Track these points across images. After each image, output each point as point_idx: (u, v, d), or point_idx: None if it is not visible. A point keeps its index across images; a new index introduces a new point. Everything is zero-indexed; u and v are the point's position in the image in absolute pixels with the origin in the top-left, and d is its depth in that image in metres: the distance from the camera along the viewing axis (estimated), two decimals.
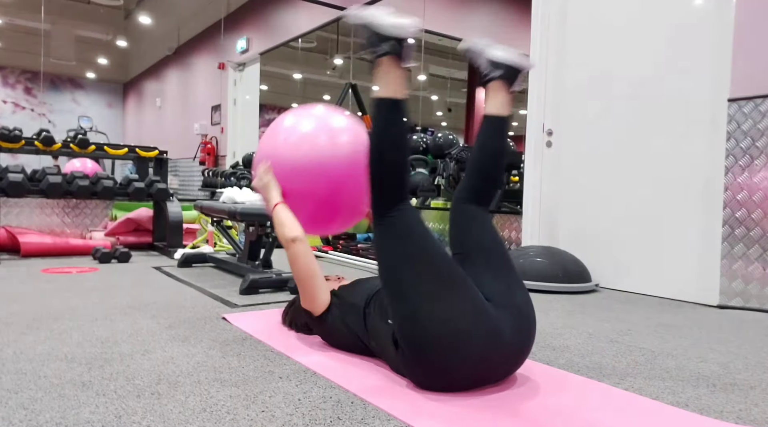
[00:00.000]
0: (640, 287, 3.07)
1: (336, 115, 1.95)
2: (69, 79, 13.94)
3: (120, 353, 1.61)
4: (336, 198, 1.87)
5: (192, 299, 2.49)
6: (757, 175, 2.61)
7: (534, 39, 3.57)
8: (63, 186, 3.83)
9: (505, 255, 1.51)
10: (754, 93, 2.61)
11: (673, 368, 1.65)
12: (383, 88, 1.43)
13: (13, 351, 1.60)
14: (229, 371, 1.47)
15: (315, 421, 1.16)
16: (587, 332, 2.08)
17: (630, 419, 1.24)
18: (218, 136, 9.01)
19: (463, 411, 1.23)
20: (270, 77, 10.60)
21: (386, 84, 1.43)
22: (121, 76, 14.56)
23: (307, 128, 1.89)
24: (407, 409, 1.24)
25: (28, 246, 3.77)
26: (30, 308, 2.19)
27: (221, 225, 3.56)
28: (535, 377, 1.49)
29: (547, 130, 3.55)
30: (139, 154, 4.64)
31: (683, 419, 1.25)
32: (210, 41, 9.57)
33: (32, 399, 1.24)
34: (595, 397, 1.38)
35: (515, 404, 1.29)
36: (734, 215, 2.67)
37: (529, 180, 3.62)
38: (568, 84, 3.45)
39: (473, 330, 1.29)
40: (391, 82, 1.43)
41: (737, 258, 2.67)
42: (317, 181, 1.82)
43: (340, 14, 1.72)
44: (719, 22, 2.76)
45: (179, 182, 10.34)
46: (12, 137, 3.99)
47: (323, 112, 1.96)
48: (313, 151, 1.82)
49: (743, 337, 2.09)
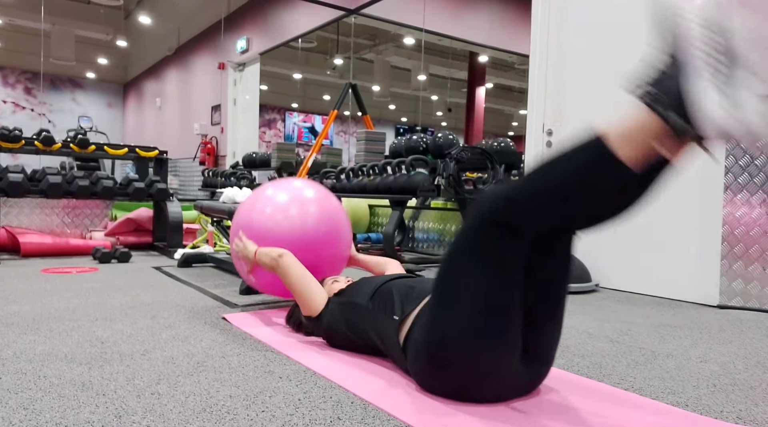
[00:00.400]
0: (640, 287, 3.07)
1: (306, 187, 2.20)
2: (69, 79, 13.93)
3: (120, 353, 1.61)
4: (311, 258, 1.98)
5: (192, 299, 2.49)
6: (757, 176, 2.61)
7: (534, 39, 3.57)
8: (63, 186, 3.83)
9: (564, 305, 1.35)
10: None
11: (673, 368, 1.65)
12: (621, 141, 0.98)
13: (13, 351, 1.60)
14: (229, 371, 1.47)
15: (315, 421, 1.16)
16: (587, 332, 2.08)
17: (630, 419, 1.24)
18: (218, 136, 9.02)
19: (463, 410, 1.23)
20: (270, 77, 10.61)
21: (629, 140, 0.98)
22: (121, 76, 14.57)
23: (280, 199, 2.13)
24: (408, 409, 1.24)
25: (28, 246, 3.77)
26: (30, 308, 2.19)
27: (221, 225, 3.56)
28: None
29: (547, 130, 3.55)
30: (139, 154, 4.64)
31: (683, 419, 1.25)
32: (210, 41, 9.57)
33: (32, 399, 1.24)
34: (595, 397, 1.38)
35: (515, 403, 1.29)
36: (734, 215, 2.67)
37: None
38: (568, 84, 3.45)
39: (498, 371, 1.25)
40: (637, 145, 0.98)
41: (737, 258, 2.67)
42: (291, 245, 1.97)
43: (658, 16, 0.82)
44: None
45: (179, 182, 10.34)
46: (12, 137, 3.99)
47: (290, 185, 2.22)
48: (286, 220, 2.04)
49: (743, 337, 2.09)
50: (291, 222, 2.03)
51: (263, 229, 2.03)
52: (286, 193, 2.15)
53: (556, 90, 3.51)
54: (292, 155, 7.35)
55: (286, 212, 2.06)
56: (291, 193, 2.15)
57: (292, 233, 2.01)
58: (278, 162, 7.06)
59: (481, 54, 9.51)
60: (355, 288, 1.69)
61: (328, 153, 7.44)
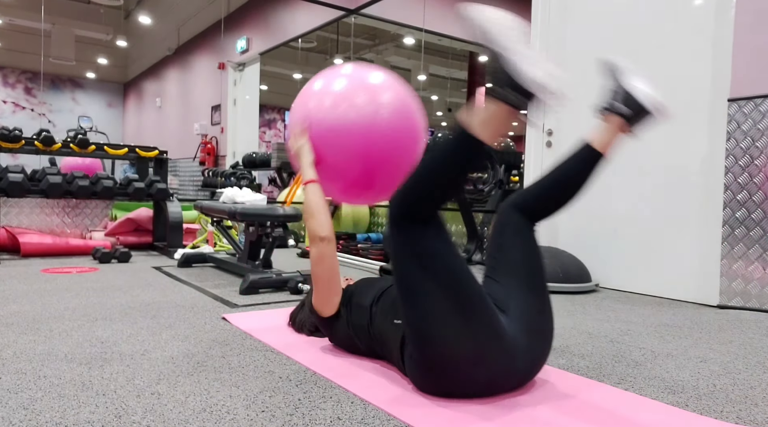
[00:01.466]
0: (640, 287, 3.07)
1: (374, 73, 1.81)
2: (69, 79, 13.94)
3: (120, 353, 1.61)
4: (375, 163, 1.72)
5: (192, 299, 2.49)
6: (757, 176, 2.61)
7: (534, 39, 3.57)
8: (63, 186, 3.83)
9: (543, 276, 1.44)
10: (754, 93, 2.61)
11: (673, 368, 1.65)
12: (480, 126, 1.24)
13: (13, 351, 1.60)
14: (229, 371, 1.47)
15: (315, 421, 1.16)
16: (587, 332, 2.08)
17: (630, 419, 1.24)
18: (218, 136, 9.01)
19: (464, 411, 1.23)
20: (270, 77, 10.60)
21: (485, 125, 1.24)
22: (121, 76, 14.57)
23: (343, 88, 1.76)
24: (408, 409, 1.24)
25: (28, 246, 3.77)
26: (30, 308, 2.19)
27: (221, 225, 3.56)
28: (535, 377, 1.49)
29: (547, 130, 3.55)
30: (139, 154, 4.63)
31: (683, 419, 1.25)
32: (210, 41, 9.57)
33: (32, 399, 1.24)
34: (595, 397, 1.38)
35: (515, 404, 1.29)
36: (734, 215, 2.67)
37: (529, 180, 3.62)
38: (568, 84, 3.45)
39: (485, 354, 1.27)
40: (492, 128, 1.25)
41: (737, 258, 2.67)
42: (356, 144, 1.68)
43: (462, 16, 1.20)
44: (719, 22, 2.76)
45: (179, 182, 10.34)
46: (12, 137, 3.99)
47: (359, 70, 1.83)
48: (353, 111, 1.68)
49: (743, 337, 2.09)
50: (359, 112, 1.69)
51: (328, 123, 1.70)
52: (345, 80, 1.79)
53: None
54: None
55: (353, 101, 1.71)
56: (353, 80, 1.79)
57: (363, 124, 1.68)
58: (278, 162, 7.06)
59: (481, 54, 9.52)
60: (359, 290, 1.67)
61: None
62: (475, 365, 1.27)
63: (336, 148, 1.71)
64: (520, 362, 1.32)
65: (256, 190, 5.81)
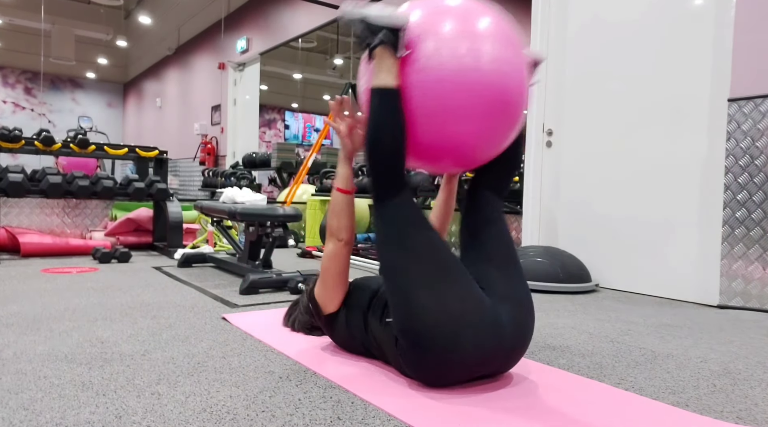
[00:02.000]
0: (640, 287, 3.07)
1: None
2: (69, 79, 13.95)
3: (120, 353, 1.61)
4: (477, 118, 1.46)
5: (192, 299, 2.49)
6: (757, 176, 2.61)
7: (534, 39, 3.57)
8: (63, 186, 3.83)
9: (512, 248, 1.52)
10: (754, 93, 2.61)
11: (673, 368, 1.65)
12: (377, 78, 1.43)
13: (13, 351, 1.60)
14: (229, 371, 1.47)
15: (315, 421, 1.17)
16: (587, 332, 2.08)
17: (630, 419, 1.24)
18: (218, 136, 9.02)
19: (463, 410, 1.23)
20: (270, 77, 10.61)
21: (380, 73, 1.43)
22: (121, 76, 14.57)
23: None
24: (407, 408, 1.24)
25: (28, 246, 3.77)
26: (30, 308, 2.19)
27: (221, 225, 3.56)
28: (535, 377, 1.49)
29: (547, 130, 3.55)
30: (139, 154, 4.64)
31: (683, 419, 1.25)
32: (210, 41, 9.57)
33: (32, 400, 1.24)
34: (595, 397, 1.38)
35: (515, 403, 1.29)
36: (734, 215, 2.67)
37: (529, 180, 3.62)
38: (568, 84, 3.45)
39: (468, 318, 1.31)
40: (385, 71, 1.42)
41: (737, 258, 2.67)
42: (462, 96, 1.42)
43: (335, 14, 2.10)
44: (719, 21, 2.76)
45: (179, 182, 10.34)
46: (12, 137, 3.99)
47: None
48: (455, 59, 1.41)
49: (743, 337, 2.09)
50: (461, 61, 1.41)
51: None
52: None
53: (555, 90, 3.51)
54: (292, 155, 7.35)
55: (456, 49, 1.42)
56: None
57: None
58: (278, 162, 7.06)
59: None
60: (355, 292, 1.66)
61: (328, 153, 7.44)
62: (461, 334, 1.29)
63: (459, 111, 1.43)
64: (505, 326, 1.35)
65: (256, 190, 5.81)
